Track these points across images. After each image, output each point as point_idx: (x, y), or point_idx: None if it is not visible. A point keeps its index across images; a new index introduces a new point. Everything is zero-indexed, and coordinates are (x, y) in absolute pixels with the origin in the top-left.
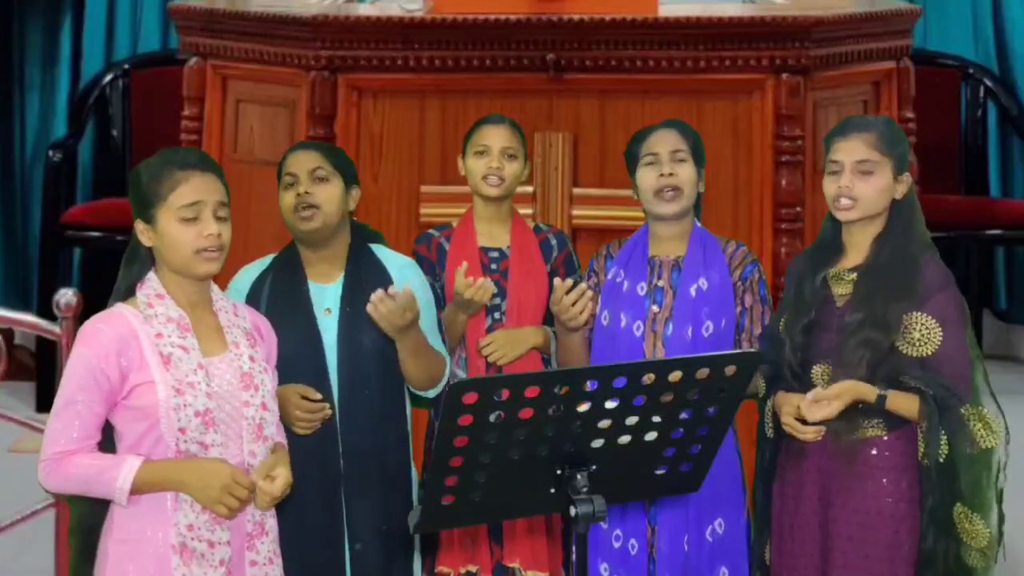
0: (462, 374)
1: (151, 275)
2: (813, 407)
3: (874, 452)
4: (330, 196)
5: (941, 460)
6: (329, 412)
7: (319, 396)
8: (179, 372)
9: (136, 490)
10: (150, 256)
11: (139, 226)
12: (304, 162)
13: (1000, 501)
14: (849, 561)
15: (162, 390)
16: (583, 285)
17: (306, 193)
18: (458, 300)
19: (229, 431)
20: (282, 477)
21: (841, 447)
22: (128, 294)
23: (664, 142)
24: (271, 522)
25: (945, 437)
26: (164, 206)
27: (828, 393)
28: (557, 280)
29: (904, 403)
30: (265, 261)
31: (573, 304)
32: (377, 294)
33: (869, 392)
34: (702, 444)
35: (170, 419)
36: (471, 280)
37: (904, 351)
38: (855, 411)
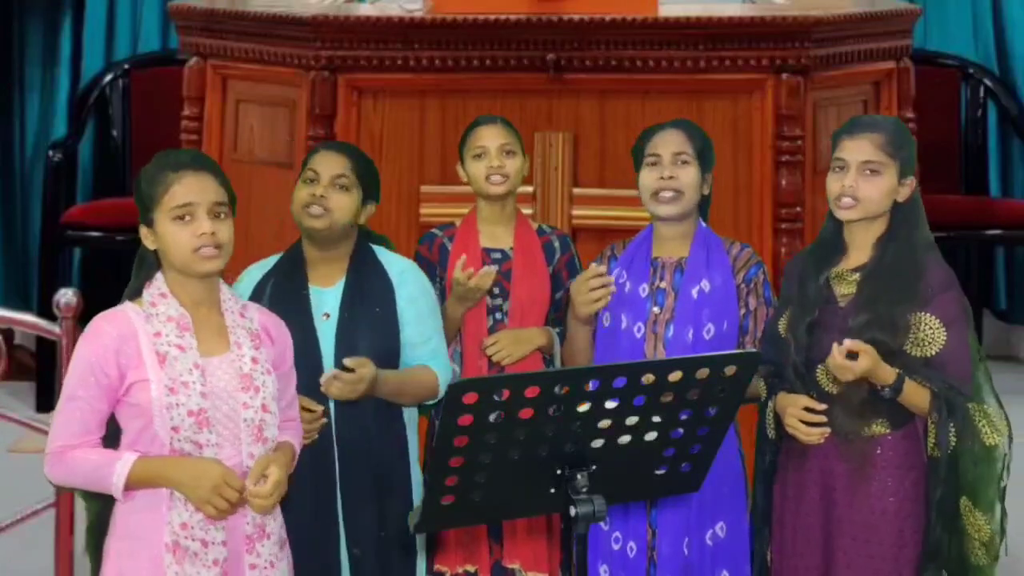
0: (456, 369)
1: (158, 275)
2: (840, 362)
3: (879, 451)
4: (344, 205)
5: (950, 453)
6: (325, 421)
7: (320, 408)
8: (173, 371)
9: (131, 486)
10: (157, 259)
11: (142, 231)
12: (330, 165)
13: (1003, 498)
14: (853, 561)
15: (155, 388)
16: (611, 278)
17: (321, 196)
18: (458, 291)
19: (226, 432)
20: (271, 477)
21: (851, 451)
22: (137, 295)
23: (667, 143)
24: (273, 525)
25: (954, 430)
26: (160, 208)
27: (859, 345)
28: (594, 264)
29: (917, 392)
30: (270, 262)
31: (592, 290)
32: (324, 377)
33: (889, 372)
34: (702, 444)
35: (163, 417)
36: (471, 271)
37: (909, 351)
38: (862, 408)
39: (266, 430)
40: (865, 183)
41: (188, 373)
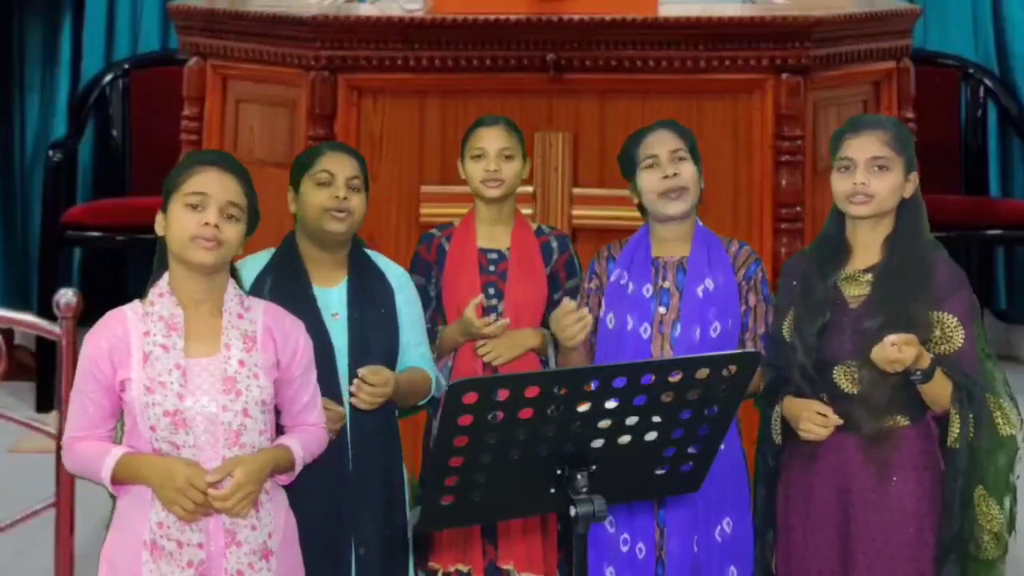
0: (443, 382)
1: (166, 274)
2: (892, 355)
3: (899, 452)
4: (359, 207)
5: (970, 443)
6: (344, 419)
7: (341, 409)
8: (153, 371)
9: (117, 481)
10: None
11: (157, 218)
12: (345, 167)
13: (1014, 491)
14: (873, 562)
15: (135, 387)
16: (585, 311)
17: (345, 199)
18: (468, 328)
19: (206, 435)
20: (234, 479)
21: (875, 452)
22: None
23: (662, 143)
24: (247, 533)
25: (973, 420)
26: (177, 194)
27: (902, 338)
28: (567, 300)
29: (942, 381)
30: (262, 259)
31: (571, 325)
32: (355, 385)
33: (927, 356)
34: (702, 444)
35: (142, 416)
36: (490, 319)
37: (930, 349)
38: (887, 406)
39: (244, 435)
40: (875, 179)
41: (168, 374)
